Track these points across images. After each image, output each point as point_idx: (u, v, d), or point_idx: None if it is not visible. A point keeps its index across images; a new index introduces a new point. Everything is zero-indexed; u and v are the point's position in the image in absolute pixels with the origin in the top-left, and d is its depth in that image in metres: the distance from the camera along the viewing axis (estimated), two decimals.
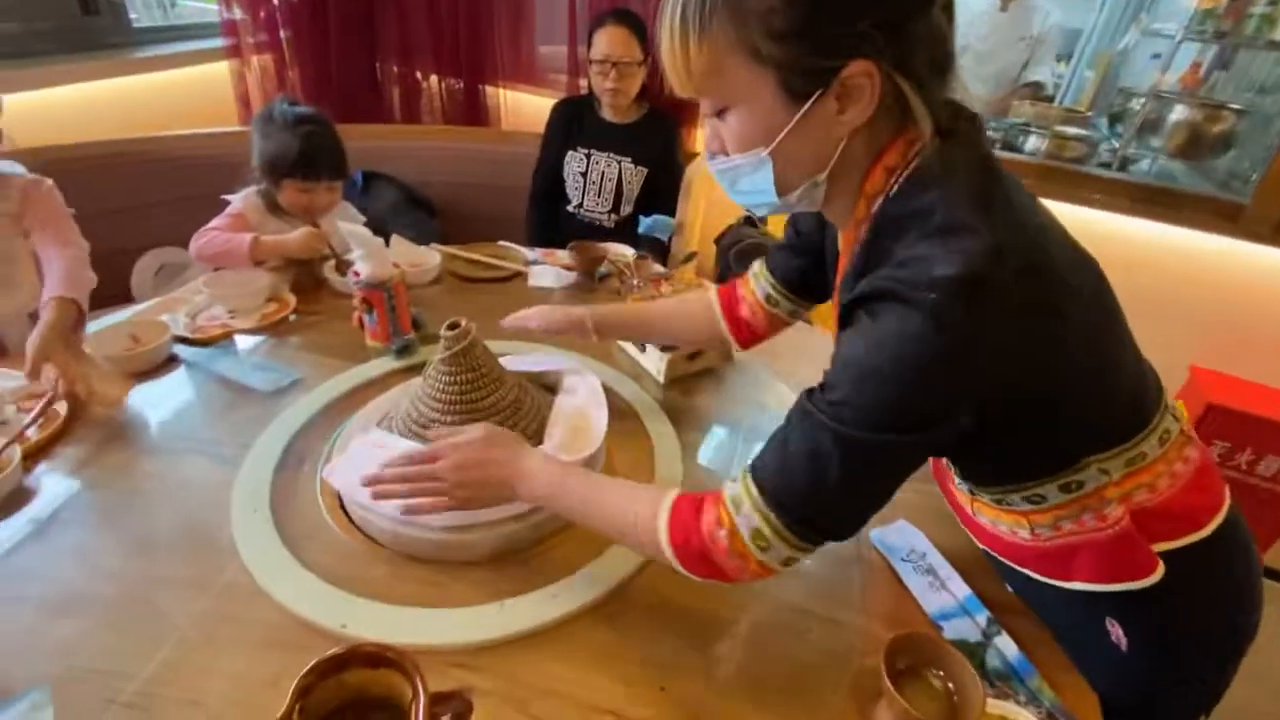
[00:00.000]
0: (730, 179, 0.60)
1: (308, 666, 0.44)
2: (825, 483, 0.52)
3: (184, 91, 2.06)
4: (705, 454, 0.93)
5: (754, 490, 0.56)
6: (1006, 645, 0.69)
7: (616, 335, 1.00)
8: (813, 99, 0.51)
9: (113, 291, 1.50)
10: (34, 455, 0.81)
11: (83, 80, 1.80)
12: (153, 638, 0.62)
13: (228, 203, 1.31)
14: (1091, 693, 0.66)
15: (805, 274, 0.83)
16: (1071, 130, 1.99)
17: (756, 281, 0.89)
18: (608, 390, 0.97)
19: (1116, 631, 0.66)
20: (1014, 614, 0.73)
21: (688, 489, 0.82)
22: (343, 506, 0.77)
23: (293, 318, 1.16)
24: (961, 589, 0.75)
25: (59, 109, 1.76)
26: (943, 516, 0.85)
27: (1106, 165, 1.95)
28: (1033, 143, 2.02)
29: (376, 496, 0.69)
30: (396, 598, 0.67)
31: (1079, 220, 1.81)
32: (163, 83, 2.00)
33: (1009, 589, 0.76)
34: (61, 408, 0.88)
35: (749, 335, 0.92)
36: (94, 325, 1.04)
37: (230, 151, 1.40)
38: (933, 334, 0.47)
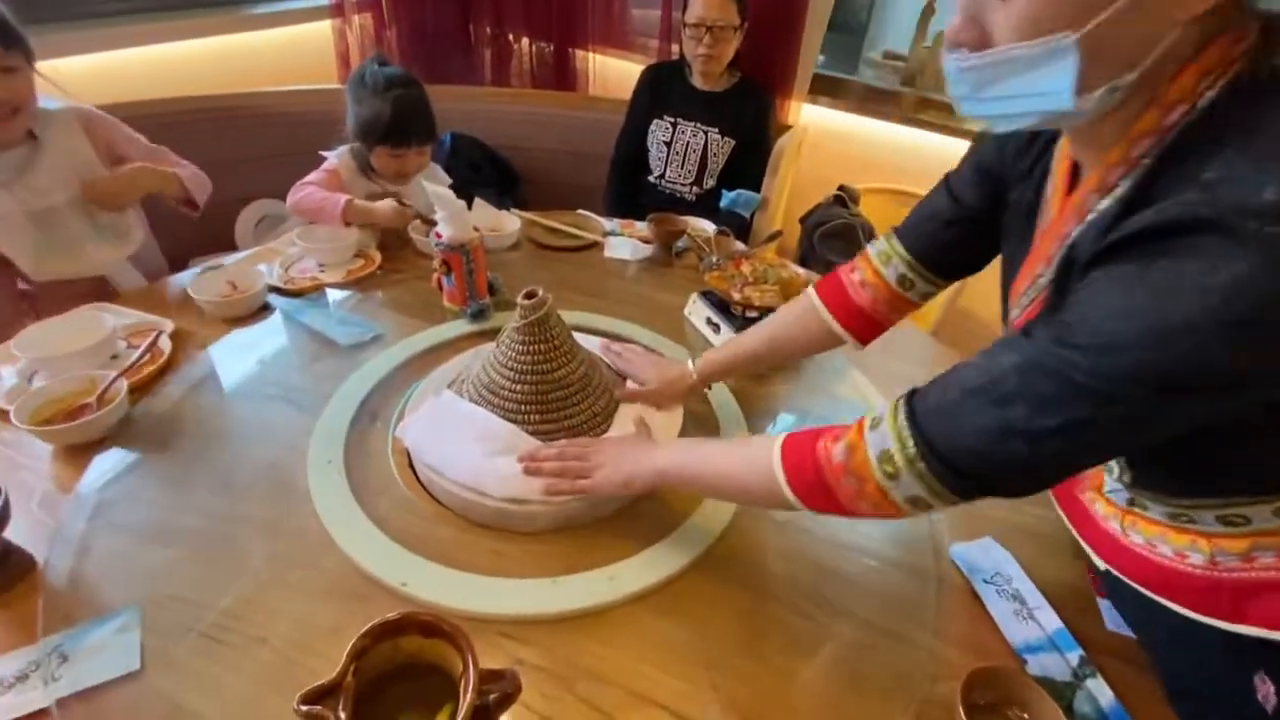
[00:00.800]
0: (982, 79, 0.47)
1: (364, 629, 0.44)
2: (1013, 429, 0.45)
3: (288, 49, 2.14)
4: None
5: (901, 412, 0.50)
6: (1100, 690, 0.63)
7: (722, 378, 0.92)
8: None
9: (217, 240, 1.60)
10: (139, 390, 0.87)
11: (192, 36, 1.89)
12: (229, 573, 0.66)
13: (324, 159, 1.35)
14: None
15: (959, 247, 0.73)
16: None
17: (884, 263, 0.77)
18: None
19: (1266, 689, 0.56)
20: (1111, 656, 0.65)
21: None
22: (411, 466, 0.79)
23: (378, 274, 1.18)
24: (1052, 621, 0.69)
25: (169, 64, 1.87)
26: (1036, 538, 0.78)
27: None
28: None
29: (528, 472, 0.72)
30: (456, 562, 0.67)
31: None
32: (268, 40, 2.08)
33: (1110, 624, 0.68)
34: (165, 345, 0.93)
35: (869, 327, 0.79)
36: (195, 270, 1.10)
37: (330, 108, 1.43)
38: (1266, 274, 0.36)
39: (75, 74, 1.67)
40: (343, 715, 0.40)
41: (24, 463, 0.76)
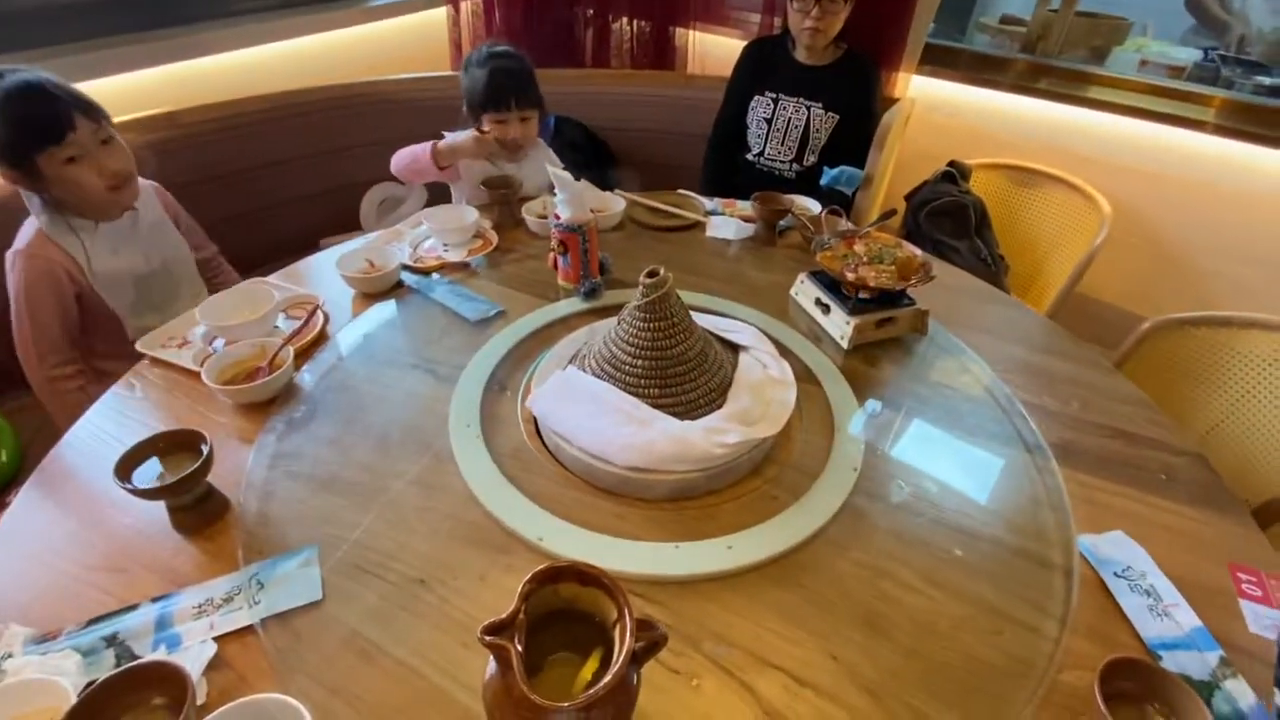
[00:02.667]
0: None
1: (531, 574, 0.49)
2: None
3: (406, 38, 2.26)
4: (880, 426, 0.89)
5: None
6: (1241, 691, 0.60)
7: None
8: None
9: (345, 220, 1.73)
10: (299, 357, 0.97)
11: (320, 31, 2.03)
12: (391, 522, 0.73)
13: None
14: None
15: None
16: None
17: None
18: (784, 352, 0.95)
19: None
20: (1254, 659, 0.63)
21: (870, 468, 0.80)
22: (538, 433, 0.84)
23: (495, 254, 1.25)
24: (1189, 619, 0.66)
25: (301, 58, 2.02)
26: (1172, 534, 0.75)
27: None
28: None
29: None
30: (584, 522, 0.73)
31: None
32: (387, 30, 2.20)
33: (1254, 627, 0.65)
34: (320, 317, 1.03)
35: None
36: (337, 250, 1.20)
37: (444, 93, 1.52)
38: None
39: (222, 69, 1.85)
40: (519, 647, 0.45)
41: (211, 417, 0.88)
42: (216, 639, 0.61)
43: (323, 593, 0.66)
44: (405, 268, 1.17)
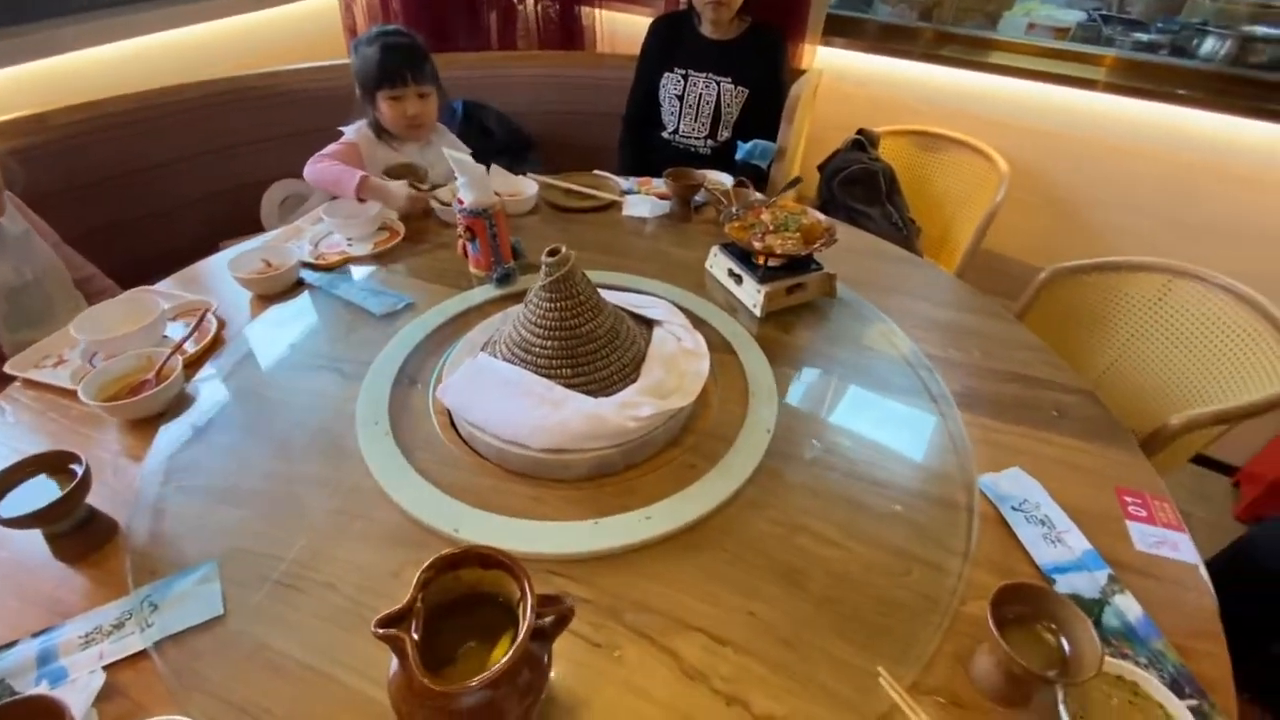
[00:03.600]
0: None
1: (428, 562, 0.48)
2: None
3: (297, 25, 2.14)
4: (797, 392, 0.91)
5: None
6: (1128, 605, 0.65)
7: None
8: None
9: (244, 221, 1.64)
10: (191, 365, 0.91)
11: (202, 20, 1.90)
12: (295, 528, 0.70)
13: (343, 134, 1.37)
14: (1226, 661, 0.60)
15: None
16: (1262, 30, 1.67)
17: None
18: (699, 324, 0.96)
19: None
20: (1139, 574, 0.68)
21: (784, 429, 0.82)
22: (453, 424, 0.82)
23: (404, 245, 1.21)
24: (1080, 543, 0.70)
25: (182, 50, 1.88)
26: (1061, 465, 0.80)
27: None
28: (1209, 46, 1.72)
29: None
30: (501, 508, 0.71)
31: (1262, 137, 1.56)
32: (277, 19, 2.08)
33: (1140, 545, 0.70)
34: (212, 323, 0.98)
35: None
36: (230, 252, 1.14)
37: (342, 83, 1.45)
38: None
39: (90, 66, 1.71)
40: (415, 636, 0.43)
41: (95, 437, 0.82)
42: (107, 667, 0.58)
43: (224, 608, 0.63)
44: (306, 265, 1.11)
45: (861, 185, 1.65)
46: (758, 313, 1.02)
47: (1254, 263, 1.36)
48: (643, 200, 1.36)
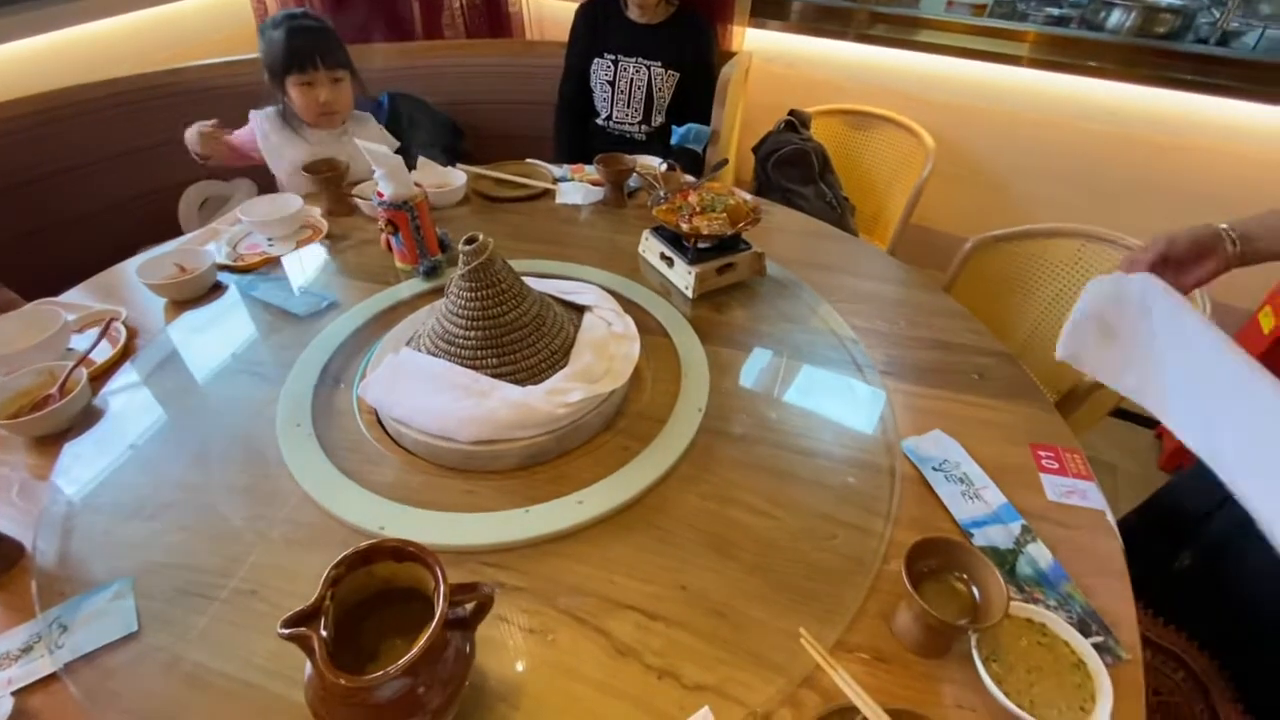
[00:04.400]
0: None
1: (337, 559, 0.47)
2: None
3: (208, 19, 2.04)
4: (736, 372, 0.92)
5: None
6: (1040, 553, 0.68)
7: (1269, 253, 0.72)
8: None
9: (160, 225, 1.56)
10: (99, 377, 0.87)
11: (101, 16, 1.79)
12: (214, 538, 0.68)
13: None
14: (1129, 598, 0.64)
15: None
16: (1164, 0, 1.76)
17: None
18: (634, 309, 0.96)
19: None
20: (1051, 524, 0.71)
21: (716, 406, 0.83)
22: (380, 422, 0.81)
23: (326, 243, 1.17)
24: (996, 498, 0.74)
25: (84, 46, 1.78)
26: (980, 425, 0.83)
27: (1203, 41, 1.73)
28: (1116, 18, 1.80)
29: None
30: (431, 504, 0.70)
31: (1168, 104, 1.65)
32: (184, 12, 1.98)
33: (1052, 495, 0.73)
34: (120, 332, 0.93)
35: None
36: (142, 257, 1.09)
37: (259, 78, 1.39)
38: None
39: None
40: (324, 634, 0.43)
41: (0, 457, 0.78)
42: (16, 693, 0.55)
43: (139, 624, 0.60)
44: (224, 268, 1.07)
45: (795, 166, 1.68)
46: (689, 294, 1.03)
47: (1161, 222, 1.44)
48: (576, 187, 1.36)
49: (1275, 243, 0.71)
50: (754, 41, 1.96)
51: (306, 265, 1.12)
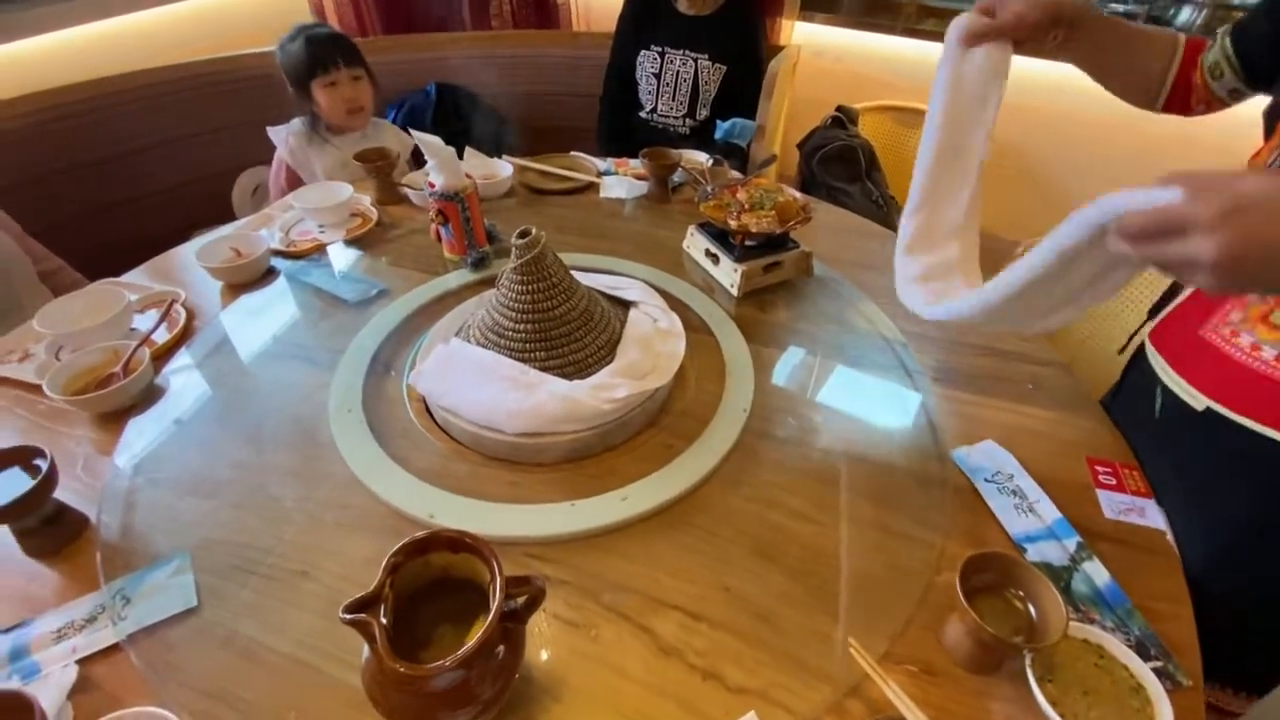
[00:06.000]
0: None
1: (396, 547, 0.47)
2: None
3: (265, 9, 2.09)
4: (780, 373, 0.91)
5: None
6: (1096, 571, 0.66)
7: (1094, 31, 0.74)
8: None
9: (214, 209, 1.61)
10: (160, 357, 0.90)
11: (160, 4, 1.84)
12: (268, 517, 0.70)
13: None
14: (1192, 623, 0.62)
15: (1264, 44, 0.70)
16: None
17: (1211, 46, 0.75)
18: (677, 305, 0.95)
19: None
20: (1108, 541, 0.69)
21: (760, 407, 0.82)
22: (428, 410, 0.82)
23: (377, 230, 1.19)
24: (1051, 512, 0.71)
25: (145, 34, 1.83)
26: (1033, 436, 0.81)
27: None
28: (1186, 15, 1.72)
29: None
30: (477, 493, 0.71)
31: (1240, 108, 1.57)
32: (243, 1, 2.03)
33: (1109, 513, 0.71)
34: (180, 313, 0.96)
35: (1181, 99, 0.79)
36: (200, 241, 1.12)
37: None
38: None
39: (51, 52, 1.66)
40: (384, 621, 0.43)
41: (64, 431, 0.81)
42: (80, 661, 0.57)
43: (198, 599, 0.62)
44: (277, 253, 1.09)
45: (841, 162, 1.65)
46: (735, 292, 1.02)
47: None
48: (620, 181, 1.35)
49: (1106, 31, 0.73)
50: (802, 35, 1.92)
51: (356, 253, 1.13)
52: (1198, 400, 0.69)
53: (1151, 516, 0.72)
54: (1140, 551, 0.68)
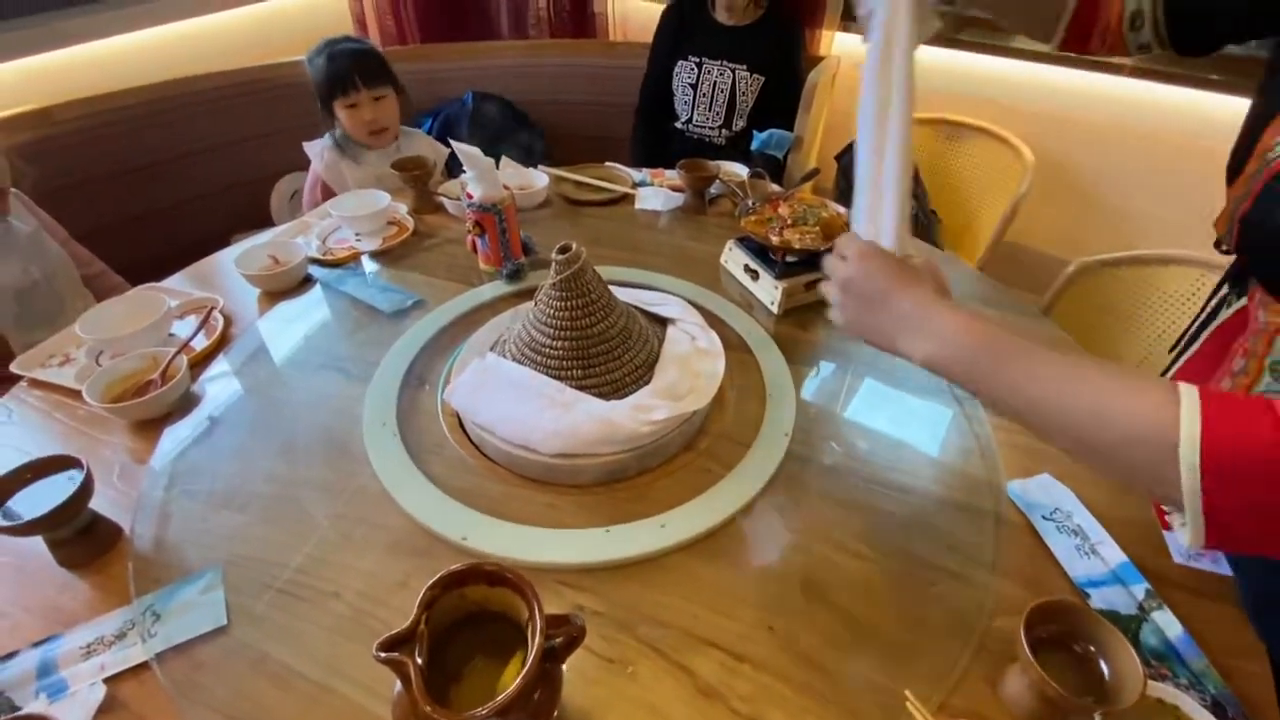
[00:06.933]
0: None
1: (432, 580, 0.45)
2: None
3: (304, 15, 2.12)
4: (812, 389, 0.87)
5: None
6: (1168, 622, 0.61)
7: None
8: None
9: (253, 215, 1.63)
10: (198, 364, 0.90)
11: (205, 12, 1.88)
12: (299, 533, 0.69)
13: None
14: (1269, 680, 0.57)
15: (1201, 8, 0.63)
16: None
17: None
18: (714, 321, 0.93)
19: None
20: (1179, 589, 0.64)
21: (802, 431, 0.79)
22: (462, 426, 0.80)
23: (413, 240, 1.19)
24: (1115, 555, 0.67)
25: (188, 42, 1.87)
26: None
27: None
28: None
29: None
30: (511, 515, 0.69)
31: None
32: (286, 9, 2.06)
33: (1179, 558, 0.66)
34: (218, 321, 0.96)
35: (1079, 36, 0.71)
36: (238, 248, 1.12)
37: None
38: None
39: (97, 59, 1.70)
40: (419, 660, 0.41)
41: (102, 438, 0.81)
42: (108, 680, 0.56)
43: (228, 617, 0.61)
44: (313, 261, 1.09)
45: None
46: (775, 309, 0.99)
47: None
48: (656, 193, 1.33)
49: None
50: (843, 46, 1.89)
51: (392, 263, 1.13)
52: None
53: (1223, 563, 0.67)
54: (1213, 601, 0.64)
